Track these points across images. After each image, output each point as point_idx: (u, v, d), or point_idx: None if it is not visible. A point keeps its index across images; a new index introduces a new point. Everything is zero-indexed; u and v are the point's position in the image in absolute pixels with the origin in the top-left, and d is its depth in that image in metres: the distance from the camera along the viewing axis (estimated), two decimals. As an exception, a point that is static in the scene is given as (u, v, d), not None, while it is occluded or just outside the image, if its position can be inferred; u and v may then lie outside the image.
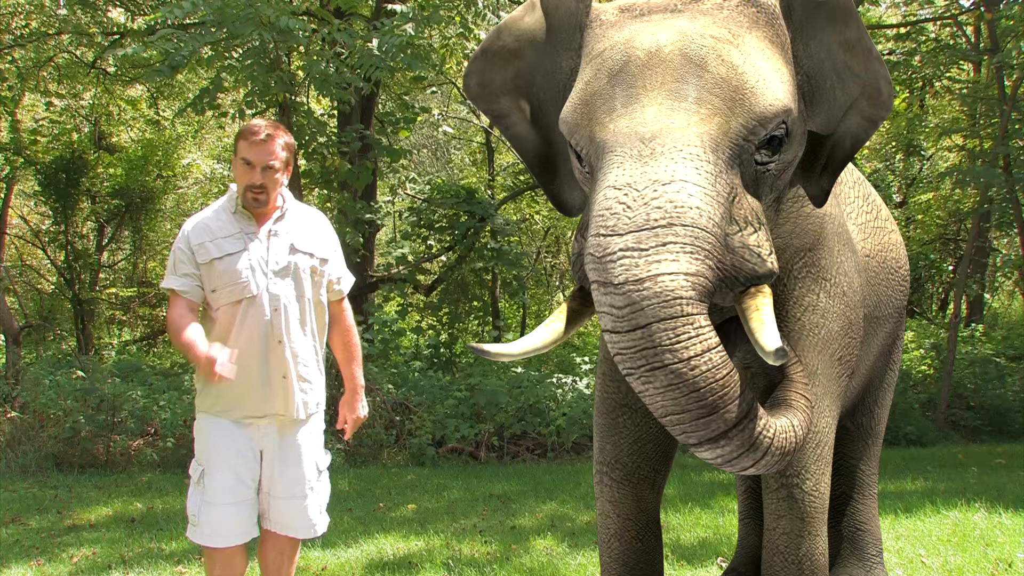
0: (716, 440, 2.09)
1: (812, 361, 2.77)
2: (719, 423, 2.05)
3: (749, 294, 2.21)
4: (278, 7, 6.97)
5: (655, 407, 2.08)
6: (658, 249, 2.04)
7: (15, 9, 11.90)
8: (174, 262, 3.09)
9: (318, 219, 3.27)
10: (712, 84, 2.21)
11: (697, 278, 2.05)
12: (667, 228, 2.05)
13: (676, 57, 2.24)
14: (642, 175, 2.12)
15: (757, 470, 2.24)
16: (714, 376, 2.05)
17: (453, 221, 11.68)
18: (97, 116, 13.41)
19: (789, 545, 2.80)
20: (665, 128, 2.16)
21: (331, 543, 4.98)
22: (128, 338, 14.23)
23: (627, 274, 2.03)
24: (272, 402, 3.05)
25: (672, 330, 2.01)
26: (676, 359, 2.01)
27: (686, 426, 2.07)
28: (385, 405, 8.57)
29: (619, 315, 2.04)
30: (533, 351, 2.39)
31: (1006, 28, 10.17)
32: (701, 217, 2.08)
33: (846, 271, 2.89)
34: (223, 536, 3.06)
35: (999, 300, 17.88)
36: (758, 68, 2.26)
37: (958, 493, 6.32)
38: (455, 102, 15.41)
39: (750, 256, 2.19)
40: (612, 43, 2.35)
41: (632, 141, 2.17)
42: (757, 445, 2.17)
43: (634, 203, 2.09)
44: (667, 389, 2.03)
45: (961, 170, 10.80)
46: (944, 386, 10.10)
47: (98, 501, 6.46)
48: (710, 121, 2.18)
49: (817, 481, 2.80)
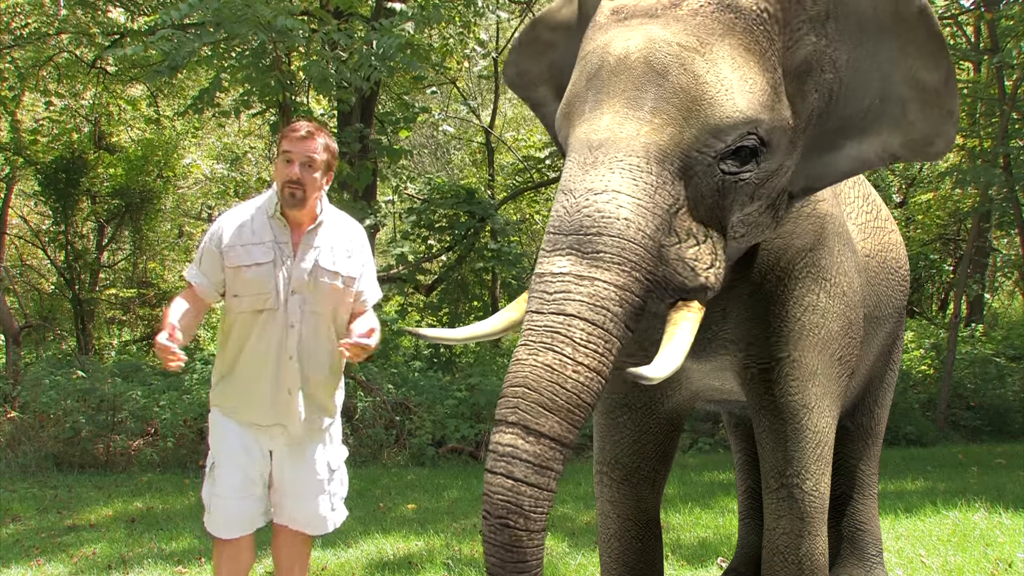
0: (528, 432, 2.01)
1: (812, 361, 2.77)
2: (548, 423, 2.02)
3: (676, 307, 2.21)
4: (276, 7, 6.97)
5: (518, 374, 2.05)
6: (593, 255, 2.10)
7: (15, 9, 11.89)
8: (201, 256, 3.07)
9: (353, 233, 3.17)
10: (670, 93, 2.20)
11: (625, 292, 2.09)
12: (597, 236, 2.10)
13: (640, 65, 2.24)
14: (580, 183, 2.17)
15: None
16: (582, 390, 2.04)
17: (453, 221, 11.68)
18: (97, 116, 13.40)
19: (789, 545, 2.80)
20: (613, 137, 2.19)
21: (331, 543, 4.97)
22: (128, 338, 14.23)
23: (571, 267, 2.10)
24: (276, 413, 3.04)
25: (587, 332, 2.06)
26: (572, 355, 2.04)
27: (524, 404, 2.02)
28: (385, 405, 8.57)
29: (550, 299, 2.09)
30: (478, 337, 2.43)
31: (1006, 28, 10.17)
32: (628, 228, 2.11)
33: (846, 271, 2.89)
34: (229, 528, 3.09)
35: (999, 300, 17.88)
36: (722, 78, 2.22)
37: (958, 493, 6.32)
38: (455, 102, 15.41)
39: (682, 269, 2.19)
40: (594, 46, 2.37)
41: (582, 148, 2.23)
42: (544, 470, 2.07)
43: (571, 208, 2.15)
44: (544, 368, 2.03)
45: (961, 170, 10.80)
46: (944, 386, 10.10)
47: (98, 501, 6.46)
48: (662, 131, 2.18)
49: (817, 481, 2.80)
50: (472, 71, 14.52)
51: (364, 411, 8.51)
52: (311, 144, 2.98)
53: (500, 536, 2.01)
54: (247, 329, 3.01)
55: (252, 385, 3.02)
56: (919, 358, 11.53)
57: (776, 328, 2.72)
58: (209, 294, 3.06)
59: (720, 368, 2.85)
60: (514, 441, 2.02)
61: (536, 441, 2.02)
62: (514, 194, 13.46)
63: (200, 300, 3.08)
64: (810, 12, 2.36)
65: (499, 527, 2.01)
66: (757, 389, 2.79)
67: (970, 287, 12.81)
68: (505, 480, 2.01)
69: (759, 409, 2.82)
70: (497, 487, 2.01)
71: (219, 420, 3.10)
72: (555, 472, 2.05)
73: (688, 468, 7.92)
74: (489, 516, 2.03)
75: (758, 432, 2.86)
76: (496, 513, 2.01)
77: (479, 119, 14.62)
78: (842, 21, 2.38)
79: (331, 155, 3.07)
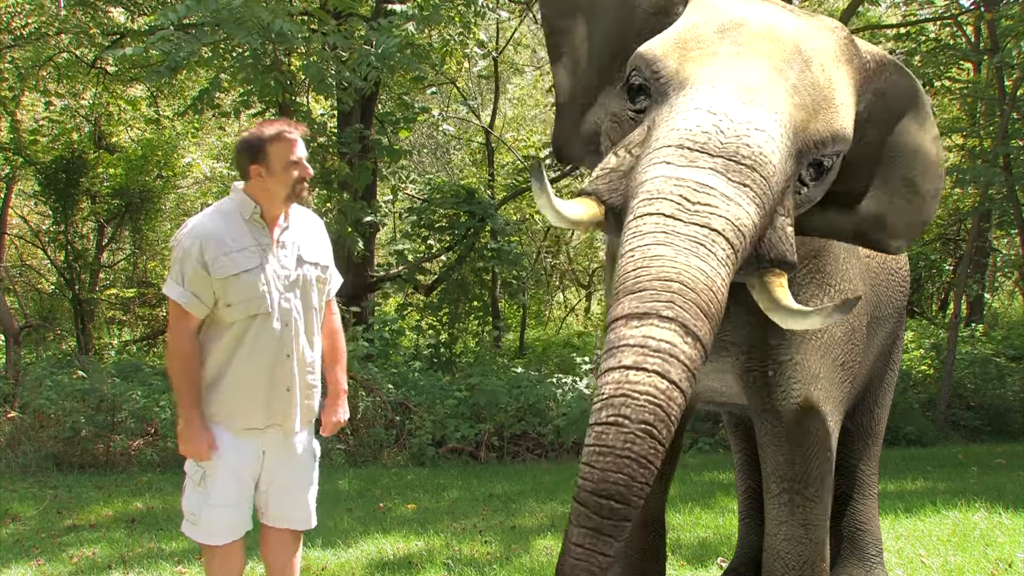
0: (687, 332, 1.83)
1: (815, 365, 2.76)
2: (705, 329, 1.85)
3: (774, 272, 2.17)
4: (275, 8, 6.97)
5: (665, 267, 1.85)
6: (740, 184, 2.02)
7: (15, 9, 11.89)
8: (182, 272, 2.95)
9: (315, 223, 3.25)
10: (811, 84, 2.26)
11: (755, 231, 2.04)
12: (750, 170, 2.04)
13: (789, 43, 2.29)
14: (741, 112, 2.10)
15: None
16: (722, 309, 1.92)
17: (453, 221, 11.68)
18: (97, 116, 13.39)
19: (790, 552, 2.80)
20: (769, 90, 2.18)
21: (331, 543, 4.97)
22: (128, 338, 14.22)
23: (718, 184, 1.99)
24: (274, 413, 3.05)
25: (727, 252, 1.94)
26: (717, 270, 1.90)
27: (683, 300, 1.83)
28: (385, 405, 8.57)
29: (691, 207, 1.95)
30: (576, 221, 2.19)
31: (1006, 28, 10.17)
32: (774, 176, 2.10)
33: (850, 278, 2.89)
34: (222, 535, 3.09)
35: (999, 300, 17.87)
36: (844, 96, 2.34)
37: (958, 493, 6.32)
38: (455, 102, 15.40)
39: (786, 240, 2.18)
40: (729, 7, 2.40)
41: (737, 83, 2.16)
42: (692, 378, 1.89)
43: (728, 131, 2.06)
44: (699, 272, 1.86)
45: (961, 170, 10.79)
46: (944, 386, 10.09)
47: (98, 501, 6.46)
48: (799, 111, 2.22)
49: (819, 487, 2.79)
50: (472, 71, 14.52)
51: (364, 411, 8.51)
52: (302, 142, 3.06)
53: (638, 447, 1.72)
54: (239, 336, 2.99)
55: (246, 390, 3.00)
56: (919, 358, 11.53)
57: (779, 332, 2.71)
58: (200, 311, 3.00)
59: (721, 370, 2.85)
60: (672, 338, 1.79)
61: (694, 344, 1.82)
62: (514, 194, 13.46)
63: (195, 335, 3.03)
64: (880, 84, 2.52)
65: (640, 435, 1.72)
66: (760, 393, 2.79)
67: (970, 287, 12.80)
68: (660, 380, 1.75)
69: (761, 413, 2.82)
70: (647, 386, 1.73)
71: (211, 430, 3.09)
72: (687, 396, 1.82)
73: (688, 468, 7.91)
74: (628, 422, 1.72)
75: (760, 436, 2.86)
76: (640, 418, 1.72)
77: (479, 119, 14.61)
78: (887, 103, 2.53)
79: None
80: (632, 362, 1.74)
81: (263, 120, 3.81)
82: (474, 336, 12.64)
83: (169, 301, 3.02)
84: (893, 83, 2.52)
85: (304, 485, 3.17)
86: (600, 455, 1.72)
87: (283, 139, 3.01)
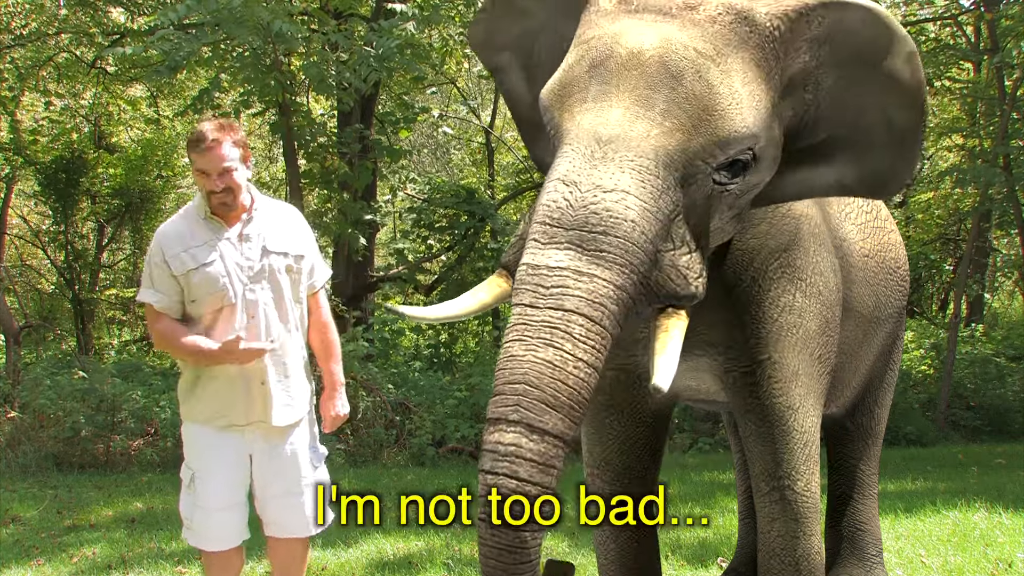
0: (531, 430, 1.99)
1: (793, 361, 2.76)
2: (552, 420, 2.00)
3: (665, 313, 2.21)
4: (274, 9, 6.97)
5: (515, 370, 2.03)
6: (595, 253, 2.07)
7: (15, 9, 11.89)
8: (150, 274, 3.04)
9: (289, 214, 3.23)
10: (683, 99, 2.19)
11: (621, 292, 2.08)
12: (602, 235, 2.08)
13: (655, 64, 2.21)
14: (588, 177, 2.13)
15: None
16: (583, 387, 2.03)
17: (453, 221, 11.68)
18: (97, 116, 13.41)
19: (785, 547, 2.80)
20: (624, 134, 2.16)
21: (331, 543, 4.98)
22: (128, 338, 14.24)
23: (570, 263, 2.06)
24: (253, 409, 3.03)
25: (586, 328, 2.03)
26: (571, 351, 2.02)
27: (527, 401, 2.00)
28: (385, 405, 8.57)
29: (546, 292, 2.05)
30: (451, 317, 2.40)
31: (1006, 28, 10.17)
32: (634, 231, 2.09)
33: (822, 271, 2.88)
34: (216, 540, 3.08)
35: (999, 300, 17.88)
36: (734, 91, 2.22)
37: (958, 493, 6.32)
38: (455, 102, 15.41)
39: (675, 277, 2.19)
40: (600, 34, 2.33)
41: (589, 140, 2.18)
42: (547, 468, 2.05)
43: (576, 203, 2.11)
44: (545, 364, 2.01)
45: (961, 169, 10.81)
46: (944, 386, 10.10)
47: (98, 501, 6.46)
48: (671, 136, 2.17)
49: (808, 481, 2.80)
50: (472, 71, 14.52)
51: (364, 411, 8.51)
52: (219, 152, 2.95)
53: (504, 538, 1.98)
54: (206, 331, 3.00)
55: (224, 385, 3.00)
56: (919, 358, 11.53)
57: (754, 331, 2.71)
58: (175, 310, 3.02)
59: (696, 369, 2.84)
60: (517, 440, 1.98)
61: (540, 439, 1.99)
62: (514, 194, 13.46)
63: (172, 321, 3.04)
64: (813, 32, 2.37)
65: (502, 530, 1.97)
66: (740, 393, 2.79)
67: (970, 287, 12.81)
68: (509, 480, 1.97)
69: (744, 413, 2.82)
70: (502, 489, 1.96)
71: (194, 431, 3.09)
72: (557, 470, 2.03)
73: (688, 468, 7.91)
74: (486, 520, 1.98)
75: (744, 435, 2.86)
76: (499, 515, 1.96)
77: (479, 119, 14.61)
78: (837, 46, 2.39)
79: (242, 147, 3.05)
80: (488, 467, 1.99)
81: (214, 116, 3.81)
82: (474, 336, 12.64)
83: (145, 308, 3.06)
84: (834, 23, 2.36)
85: (297, 491, 3.11)
86: (482, 541, 2.01)
87: (194, 147, 2.98)
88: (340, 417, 3.26)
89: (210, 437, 3.04)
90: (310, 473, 3.15)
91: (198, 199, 3.09)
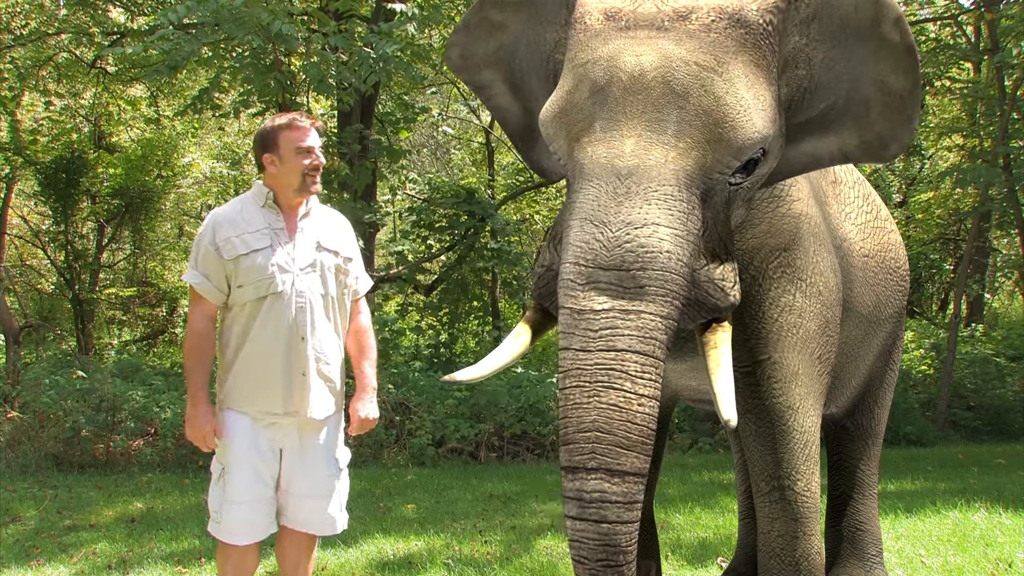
0: (612, 474, 2.10)
1: (793, 361, 2.77)
2: (629, 460, 2.09)
3: (711, 329, 2.29)
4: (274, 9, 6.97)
5: (584, 418, 2.11)
6: (637, 290, 2.12)
7: (15, 9, 11.89)
8: (197, 256, 3.07)
9: (340, 220, 3.30)
10: (693, 116, 2.21)
11: (668, 322, 2.15)
12: (641, 272, 2.13)
13: (659, 85, 2.22)
14: (616, 215, 2.17)
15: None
16: (650, 420, 2.12)
17: (453, 221, 11.68)
18: (97, 116, 13.40)
19: (785, 547, 2.81)
20: (642, 165, 2.18)
21: (331, 543, 4.97)
22: (128, 338, 14.23)
23: (613, 303, 2.12)
24: (291, 400, 3.04)
25: (640, 364, 2.11)
26: (632, 389, 2.10)
27: (602, 447, 2.09)
28: (385, 405, 8.57)
29: (595, 335, 2.12)
30: (502, 368, 2.45)
31: (1006, 28, 10.18)
32: (670, 260, 2.14)
33: (822, 271, 2.88)
34: (242, 534, 3.09)
35: (999, 300, 17.89)
36: (741, 98, 2.24)
37: (958, 493, 6.32)
38: (455, 102, 15.41)
39: (714, 291, 2.25)
40: (595, 57, 2.32)
41: (608, 175, 2.20)
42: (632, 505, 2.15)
43: (609, 243, 2.15)
44: (610, 408, 2.09)
45: (961, 170, 10.80)
46: (944, 386, 10.10)
47: (98, 501, 6.46)
48: (688, 156, 2.19)
49: (808, 481, 2.80)
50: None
51: (364, 411, 8.51)
52: (314, 132, 3.11)
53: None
54: (252, 318, 3.03)
55: (263, 373, 3.02)
56: (919, 358, 11.54)
57: (754, 330, 2.73)
58: (214, 295, 3.06)
59: (695, 368, 2.85)
60: (600, 486, 2.08)
61: (622, 481, 2.09)
62: (514, 194, 13.46)
63: (213, 323, 3.08)
64: (802, 15, 2.41)
65: (602, 568, 2.08)
66: (740, 392, 2.79)
67: (970, 287, 12.81)
68: (600, 525, 2.08)
69: (744, 412, 2.82)
70: (592, 533, 2.08)
71: (231, 421, 3.09)
72: (639, 503, 2.13)
73: (688, 468, 7.92)
74: (587, 561, 2.09)
75: (744, 435, 2.86)
76: (595, 557, 2.08)
77: (479, 119, 14.61)
78: (825, 22, 2.43)
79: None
80: (576, 513, 2.11)
81: (278, 112, 3.90)
82: (474, 336, 12.64)
83: (191, 291, 3.11)
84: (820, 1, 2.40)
85: (323, 493, 3.15)
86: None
87: (293, 127, 3.07)
88: (368, 420, 3.24)
89: (246, 430, 3.05)
90: (335, 475, 3.19)
91: (258, 187, 3.13)
